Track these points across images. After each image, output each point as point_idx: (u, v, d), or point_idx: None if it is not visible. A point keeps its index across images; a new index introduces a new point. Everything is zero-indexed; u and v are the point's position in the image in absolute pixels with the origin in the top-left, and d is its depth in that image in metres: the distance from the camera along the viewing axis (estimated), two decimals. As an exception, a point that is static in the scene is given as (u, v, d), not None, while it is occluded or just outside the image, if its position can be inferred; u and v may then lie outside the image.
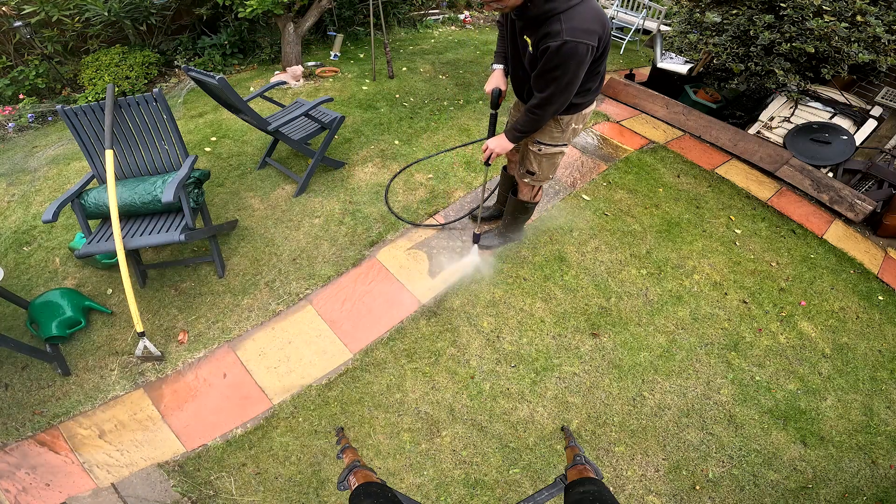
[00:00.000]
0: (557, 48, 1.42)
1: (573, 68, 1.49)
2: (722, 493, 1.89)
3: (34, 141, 3.68)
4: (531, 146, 2.02)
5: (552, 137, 1.95)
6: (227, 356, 2.20)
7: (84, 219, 2.19)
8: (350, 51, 5.28)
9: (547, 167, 2.10)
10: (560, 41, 1.41)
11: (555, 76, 1.53)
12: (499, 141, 1.94)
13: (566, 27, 1.39)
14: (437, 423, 2.00)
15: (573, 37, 1.40)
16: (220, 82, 2.29)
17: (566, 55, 1.44)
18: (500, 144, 1.94)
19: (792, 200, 3.47)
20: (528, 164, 2.11)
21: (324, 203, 2.97)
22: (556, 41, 1.41)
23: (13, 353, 2.12)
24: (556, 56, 1.45)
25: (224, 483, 1.82)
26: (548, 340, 2.33)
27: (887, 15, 3.20)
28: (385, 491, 0.87)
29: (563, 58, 1.45)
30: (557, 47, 1.42)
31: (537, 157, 2.05)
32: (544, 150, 2.00)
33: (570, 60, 1.46)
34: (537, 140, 1.98)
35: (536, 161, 2.06)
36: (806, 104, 3.86)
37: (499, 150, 1.96)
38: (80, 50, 4.34)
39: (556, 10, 1.40)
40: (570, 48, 1.42)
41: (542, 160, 2.05)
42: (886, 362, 2.45)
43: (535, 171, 2.11)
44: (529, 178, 2.17)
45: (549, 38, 1.43)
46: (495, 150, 1.96)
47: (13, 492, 1.73)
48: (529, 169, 2.12)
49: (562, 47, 1.42)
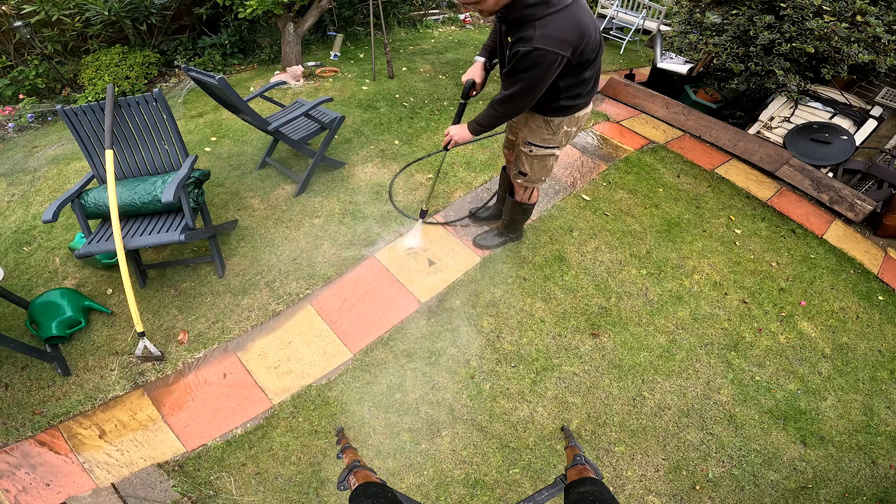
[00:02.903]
0: (526, 53, 1.45)
1: (538, 75, 1.51)
2: (722, 493, 1.89)
3: (34, 141, 3.69)
4: (522, 147, 2.03)
5: (543, 139, 1.95)
6: (227, 356, 2.20)
7: (84, 219, 2.19)
8: (350, 51, 5.28)
9: (538, 169, 2.11)
10: (530, 47, 1.42)
11: (520, 78, 1.56)
12: (459, 129, 1.97)
13: (538, 34, 1.41)
14: (437, 423, 2.00)
15: (544, 45, 1.41)
16: (220, 82, 2.29)
17: (533, 61, 1.46)
18: (460, 134, 1.96)
19: (792, 200, 3.47)
20: (520, 164, 2.13)
21: (324, 203, 2.97)
22: (527, 46, 1.43)
23: (13, 353, 2.12)
24: (525, 60, 1.47)
25: (224, 483, 1.82)
26: (548, 340, 2.33)
27: (887, 15, 3.20)
28: (385, 491, 0.87)
29: (530, 63, 1.47)
30: (526, 53, 1.45)
31: (528, 159, 2.06)
32: (535, 151, 2.00)
33: (536, 66, 1.48)
34: (528, 141, 1.99)
35: (528, 162, 2.08)
36: (806, 104, 3.86)
37: (458, 139, 1.98)
38: (80, 50, 4.34)
39: (533, 16, 1.42)
40: (539, 56, 1.44)
41: (533, 161, 2.07)
42: (886, 362, 2.45)
43: (526, 171, 2.13)
44: (522, 178, 2.19)
45: (521, 43, 1.46)
46: (455, 139, 1.99)
47: (13, 492, 1.73)
48: (521, 170, 2.14)
49: (530, 53, 1.44)
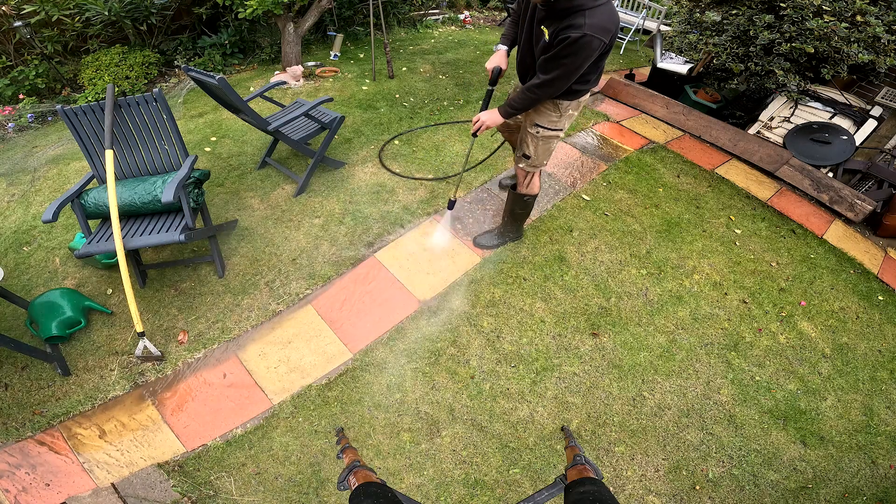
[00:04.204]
0: (576, 39, 1.58)
1: (582, 59, 1.67)
2: (722, 493, 1.89)
3: (34, 141, 3.68)
4: (530, 129, 2.12)
5: (550, 121, 2.06)
6: (227, 356, 2.20)
7: (84, 219, 2.19)
8: (350, 51, 5.28)
9: (542, 151, 2.19)
10: (580, 33, 1.56)
11: (564, 63, 1.69)
12: (490, 114, 2.05)
13: (588, 22, 1.55)
14: (437, 423, 2.00)
15: (592, 32, 1.56)
16: (219, 82, 2.29)
17: (582, 46, 1.60)
18: (492, 118, 2.05)
19: (792, 200, 3.47)
20: (524, 147, 2.21)
21: (324, 203, 2.97)
22: (577, 33, 1.57)
23: (13, 353, 2.12)
24: (574, 45, 1.61)
25: (224, 483, 1.82)
26: (548, 340, 2.33)
27: (887, 15, 3.20)
28: (385, 491, 0.87)
29: (579, 48, 1.61)
30: (577, 38, 1.58)
31: (534, 140, 2.15)
32: (542, 132, 2.10)
33: (583, 51, 1.63)
34: (536, 123, 2.08)
35: (533, 144, 2.16)
36: (806, 104, 3.86)
37: (489, 123, 2.06)
38: (80, 50, 4.34)
39: (582, 6, 1.57)
40: (587, 41, 1.58)
41: (538, 143, 2.15)
42: (886, 362, 2.45)
43: (530, 154, 2.21)
44: (525, 162, 2.26)
45: (570, 29, 1.59)
46: (486, 123, 2.06)
47: (13, 492, 1.73)
48: (525, 152, 2.22)
49: (580, 39, 1.58)
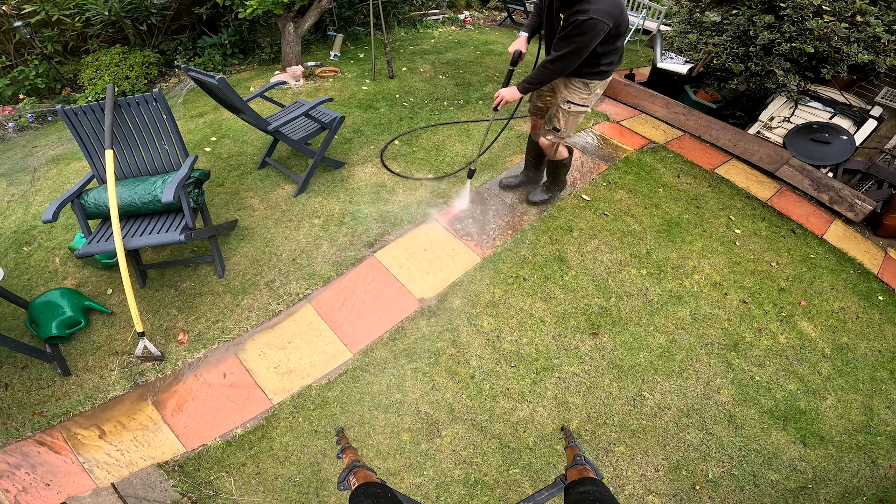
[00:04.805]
0: (583, 21, 1.90)
1: (588, 39, 1.97)
2: (722, 493, 1.89)
3: (34, 141, 3.69)
4: (562, 105, 2.41)
5: (581, 98, 2.36)
6: (227, 356, 2.20)
7: (84, 219, 2.19)
8: (350, 51, 5.28)
9: (571, 124, 2.48)
10: (587, 17, 1.89)
11: (573, 41, 1.99)
12: (510, 90, 2.33)
13: (593, 8, 1.88)
14: (437, 423, 2.00)
15: (597, 15, 1.88)
16: (220, 82, 2.29)
17: (588, 27, 1.92)
18: (511, 93, 2.33)
19: (792, 200, 3.47)
20: (555, 121, 2.48)
21: (324, 203, 2.97)
22: (584, 16, 1.89)
23: (13, 353, 2.12)
24: (581, 27, 1.92)
25: (224, 483, 1.82)
26: (548, 340, 2.33)
27: (887, 15, 3.20)
28: (385, 491, 0.87)
29: (585, 29, 1.93)
30: (583, 21, 1.90)
31: (565, 115, 2.43)
32: (573, 108, 2.39)
33: (588, 32, 1.94)
34: (568, 100, 2.38)
35: (564, 118, 2.45)
36: (806, 104, 3.86)
37: (508, 98, 2.34)
38: (80, 50, 4.34)
39: None
40: (592, 23, 1.90)
41: (568, 118, 2.44)
42: (886, 362, 2.45)
43: (560, 127, 2.49)
44: (553, 134, 2.53)
45: (578, 14, 1.91)
46: (506, 97, 2.34)
47: (13, 492, 1.73)
48: (556, 126, 2.49)
49: (586, 21, 1.90)
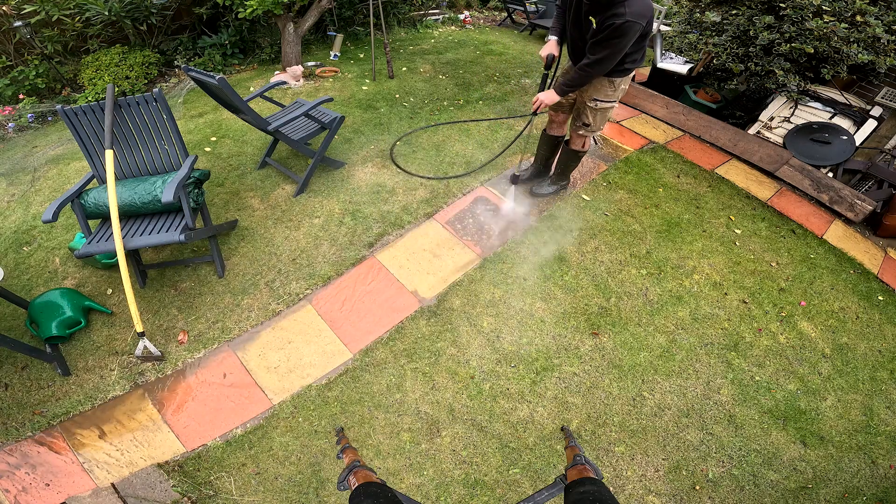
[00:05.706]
0: (620, 25, 1.95)
1: (625, 42, 2.03)
2: (722, 493, 1.89)
3: (34, 141, 3.69)
4: (589, 103, 2.48)
5: (606, 95, 2.42)
6: (227, 356, 2.20)
7: (84, 219, 2.19)
8: (350, 51, 5.28)
9: (600, 119, 2.56)
10: (623, 20, 1.94)
11: (611, 44, 2.05)
12: (548, 94, 2.44)
13: (629, 11, 1.92)
14: (437, 423, 2.00)
15: (633, 18, 1.93)
16: (220, 82, 2.29)
17: (624, 30, 1.97)
18: (549, 97, 2.43)
19: (792, 200, 3.47)
20: (584, 118, 2.56)
21: (324, 203, 2.97)
22: (620, 20, 1.94)
23: (13, 353, 2.12)
24: (619, 30, 1.97)
25: (224, 483, 1.82)
26: (548, 340, 2.33)
27: (887, 15, 3.19)
28: (385, 491, 0.87)
29: (622, 32, 1.98)
30: (620, 24, 1.95)
31: (593, 112, 2.51)
32: (600, 105, 2.46)
33: (626, 34, 2.00)
34: (594, 98, 2.44)
35: (592, 115, 2.53)
36: (806, 104, 3.86)
37: (547, 102, 2.45)
38: (80, 50, 4.34)
39: None
40: (629, 26, 1.96)
41: (597, 114, 2.52)
42: (886, 362, 2.45)
43: (590, 122, 2.57)
44: (584, 129, 2.62)
45: (614, 18, 1.96)
46: (544, 101, 2.45)
47: (13, 492, 1.73)
48: (585, 122, 2.58)
49: (623, 24, 1.95)
